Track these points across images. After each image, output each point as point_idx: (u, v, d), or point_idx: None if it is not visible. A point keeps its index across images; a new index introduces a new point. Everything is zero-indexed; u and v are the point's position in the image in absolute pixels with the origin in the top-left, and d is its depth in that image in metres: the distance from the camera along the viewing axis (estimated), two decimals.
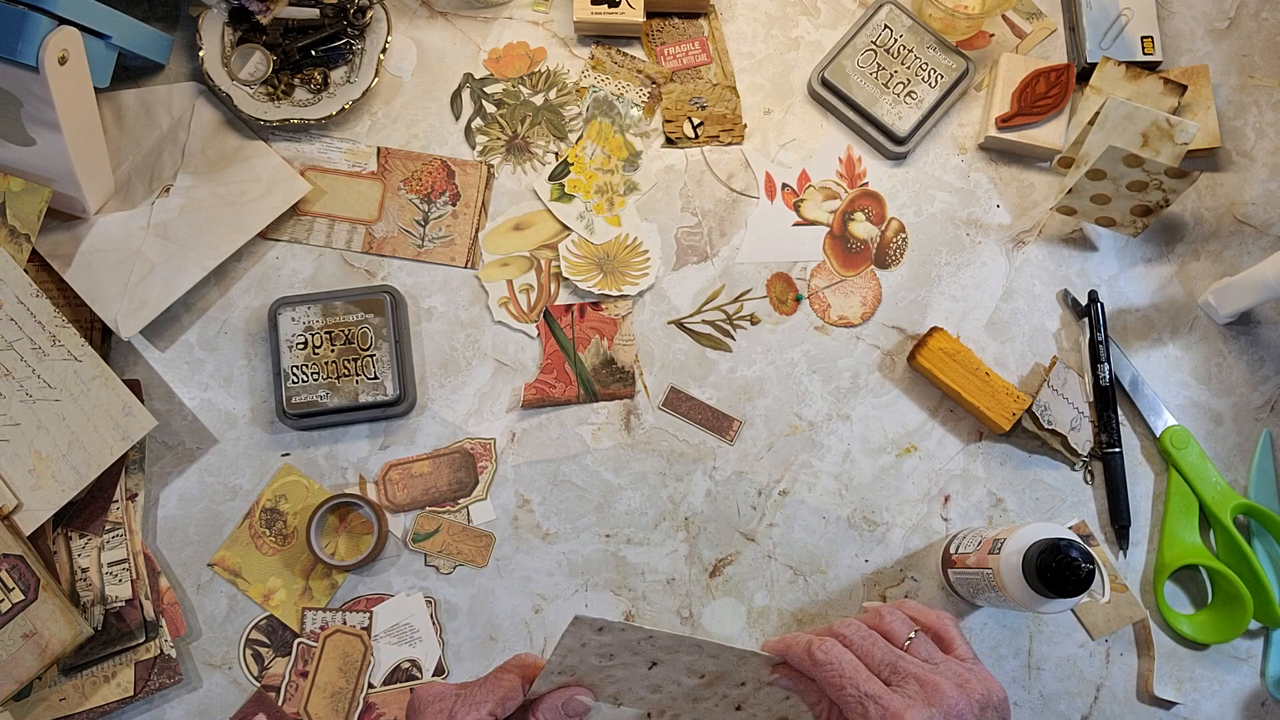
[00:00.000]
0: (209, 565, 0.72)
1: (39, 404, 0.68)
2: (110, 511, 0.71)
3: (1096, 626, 0.73)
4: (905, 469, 0.75)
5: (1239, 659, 0.73)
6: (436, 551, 0.73)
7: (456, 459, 0.74)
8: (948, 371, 0.74)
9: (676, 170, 0.79)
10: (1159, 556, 0.74)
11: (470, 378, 0.75)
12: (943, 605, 0.73)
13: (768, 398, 0.76)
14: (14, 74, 0.64)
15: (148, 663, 0.69)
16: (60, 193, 0.71)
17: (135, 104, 0.77)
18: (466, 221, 0.78)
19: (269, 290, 0.76)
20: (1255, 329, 0.78)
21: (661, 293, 0.77)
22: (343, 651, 0.71)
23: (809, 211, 0.79)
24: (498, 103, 0.80)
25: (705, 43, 0.81)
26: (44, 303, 0.69)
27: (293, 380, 0.72)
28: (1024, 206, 0.80)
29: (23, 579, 0.65)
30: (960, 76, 0.79)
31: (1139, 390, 0.76)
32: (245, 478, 0.73)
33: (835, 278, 0.78)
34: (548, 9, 0.81)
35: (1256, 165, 0.81)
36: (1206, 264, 0.79)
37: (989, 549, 0.65)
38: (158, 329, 0.75)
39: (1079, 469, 0.76)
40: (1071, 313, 0.78)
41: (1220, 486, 0.74)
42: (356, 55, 0.78)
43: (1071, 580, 0.60)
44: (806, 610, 0.73)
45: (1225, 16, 0.83)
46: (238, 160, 0.76)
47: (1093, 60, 0.79)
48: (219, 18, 0.77)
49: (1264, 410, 0.77)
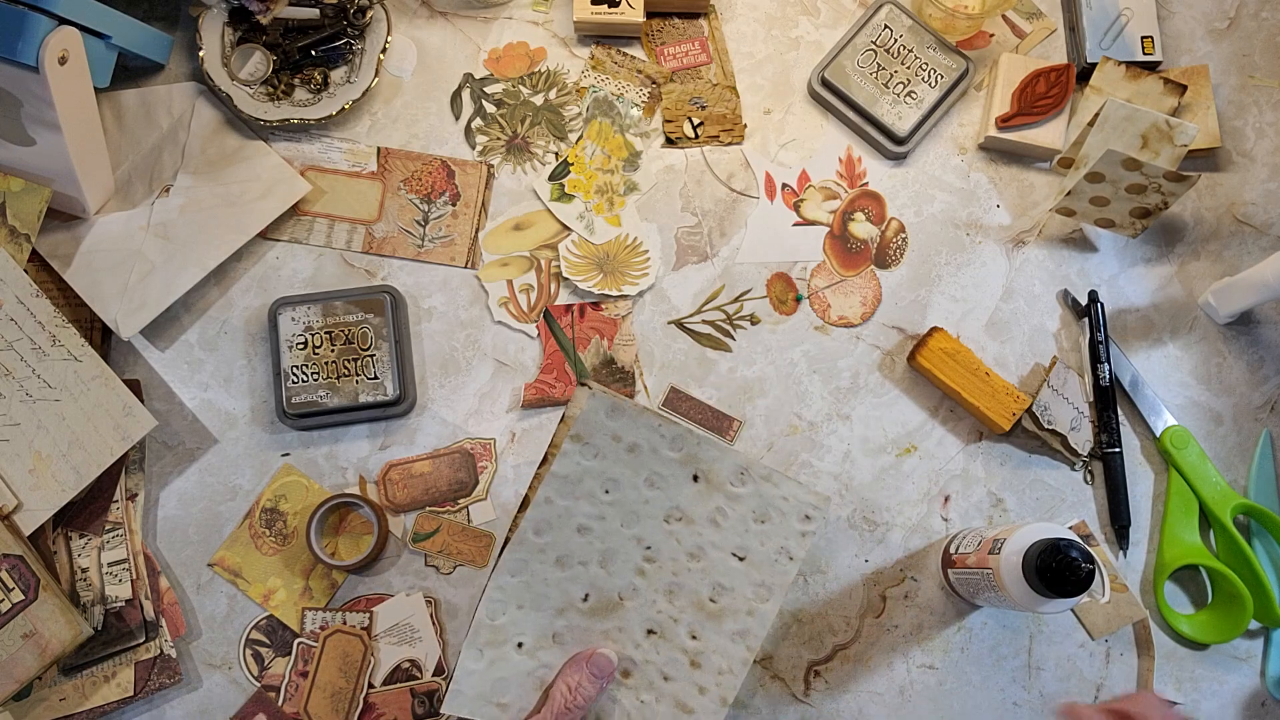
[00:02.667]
0: (209, 565, 0.72)
1: (39, 404, 0.68)
2: (110, 511, 0.71)
3: (1096, 627, 0.73)
4: (905, 469, 0.75)
5: (1239, 659, 0.73)
6: (436, 551, 0.73)
7: (456, 459, 0.74)
8: (948, 371, 0.74)
9: (676, 170, 0.79)
10: (1159, 556, 0.74)
11: (470, 378, 0.75)
12: (943, 605, 0.73)
13: (768, 398, 0.76)
14: (14, 74, 0.64)
15: (148, 663, 0.69)
16: (60, 193, 0.71)
17: (135, 104, 0.77)
18: (466, 221, 0.78)
19: (269, 290, 0.76)
20: (1255, 329, 0.78)
21: (661, 293, 0.77)
22: (343, 651, 0.71)
23: (809, 211, 0.79)
24: (498, 103, 0.80)
25: (705, 43, 0.81)
26: (44, 303, 0.69)
27: (293, 380, 0.72)
28: (1024, 207, 0.80)
29: (23, 579, 0.65)
30: (960, 76, 0.79)
31: (1139, 390, 0.76)
32: (245, 478, 0.73)
33: (835, 278, 0.78)
34: (548, 9, 0.81)
35: (1256, 165, 0.81)
36: (1206, 264, 0.79)
37: (989, 549, 0.65)
38: (158, 329, 0.75)
39: (1079, 469, 0.76)
40: (1071, 313, 0.78)
41: (1220, 486, 0.74)
42: (356, 55, 0.78)
43: (1071, 580, 0.60)
44: (806, 610, 0.73)
45: (1225, 16, 0.83)
46: (238, 160, 0.76)
47: (1093, 60, 0.79)
48: (219, 18, 0.77)
49: (1264, 410, 0.77)
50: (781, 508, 0.59)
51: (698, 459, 0.59)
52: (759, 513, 0.59)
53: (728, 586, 0.59)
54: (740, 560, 0.59)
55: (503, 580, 0.58)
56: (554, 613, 0.59)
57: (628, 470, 0.58)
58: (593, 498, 0.58)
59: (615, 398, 0.58)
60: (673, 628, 0.59)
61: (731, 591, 0.59)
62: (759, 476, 0.59)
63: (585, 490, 0.58)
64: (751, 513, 0.59)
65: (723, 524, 0.59)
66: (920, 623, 0.73)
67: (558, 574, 0.59)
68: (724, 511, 0.59)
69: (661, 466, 0.59)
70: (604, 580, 0.59)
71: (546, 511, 0.58)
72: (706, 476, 0.59)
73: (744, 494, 0.58)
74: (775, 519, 0.59)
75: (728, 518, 0.59)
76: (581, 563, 0.59)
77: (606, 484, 0.58)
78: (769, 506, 0.59)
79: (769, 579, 0.59)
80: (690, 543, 0.59)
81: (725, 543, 0.59)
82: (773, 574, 0.59)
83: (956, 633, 0.73)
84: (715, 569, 0.59)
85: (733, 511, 0.59)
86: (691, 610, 0.58)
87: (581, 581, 0.59)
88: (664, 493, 0.59)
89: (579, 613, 0.59)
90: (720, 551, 0.59)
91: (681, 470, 0.59)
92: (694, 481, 0.59)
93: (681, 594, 0.59)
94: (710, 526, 0.59)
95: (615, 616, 0.58)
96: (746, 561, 0.59)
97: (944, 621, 0.73)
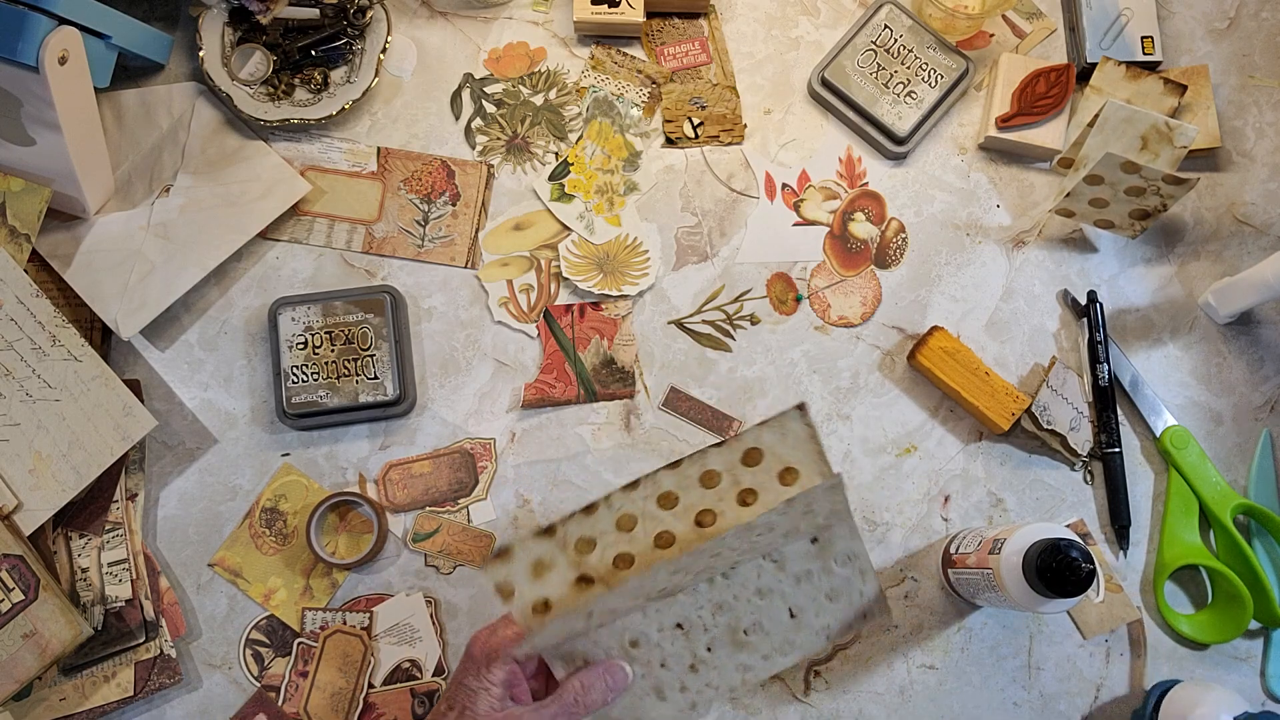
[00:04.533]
0: (209, 565, 0.72)
1: (39, 404, 0.68)
2: (110, 511, 0.71)
3: (1090, 626, 0.73)
4: (905, 469, 0.75)
5: (1239, 659, 0.73)
6: (437, 551, 0.73)
7: (456, 459, 0.74)
8: (948, 371, 0.74)
9: (676, 170, 0.79)
10: (1159, 556, 0.74)
11: (470, 378, 0.75)
12: (943, 605, 0.73)
13: (768, 398, 0.76)
14: (14, 74, 0.64)
15: (148, 663, 0.69)
16: (60, 193, 0.71)
17: (135, 104, 0.77)
18: (466, 221, 0.78)
19: (269, 290, 0.76)
20: (1255, 329, 0.78)
21: (661, 293, 0.77)
22: (343, 651, 0.71)
23: (809, 211, 0.79)
24: (498, 103, 0.80)
25: (705, 43, 0.81)
26: (44, 303, 0.69)
27: (293, 380, 0.72)
28: (1024, 207, 0.80)
29: (23, 579, 0.65)
30: (960, 76, 0.79)
31: (1139, 390, 0.76)
32: (245, 478, 0.73)
33: (835, 278, 0.78)
34: (548, 9, 0.81)
35: (1256, 165, 0.81)
36: (1206, 264, 0.79)
37: (989, 549, 0.65)
38: (158, 329, 0.74)
39: (1079, 469, 0.76)
40: (1071, 313, 0.78)
41: (1220, 486, 0.74)
42: (356, 55, 0.78)
43: (1071, 580, 0.60)
44: None
45: (1225, 16, 0.83)
46: (238, 160, 0.76)
47: (1093, 60, 0.79)
48: (219, 18, 0.77)
49: (1264, 410, 0.77)
50: (854, 599, 0.60)
51: (830, 529, 0.59)
52: (835, 592, 0.60)
53: (765, 630, 0.60)
54: (791, 618, 0.60)
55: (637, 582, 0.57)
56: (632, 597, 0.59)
57: (786, 523, 0.58)
58: (749, 537, 0.58)
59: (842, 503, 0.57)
60: (699, 634, 0.59)
61: (766, 635, 0.60)
62: (859, 569, 0.60)
63: (752, 533, 0.57)
64: (830, 589, 0.60)
65: (803, 584, 0.60)
66: (920, 623, 0.73)
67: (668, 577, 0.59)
68: (812, 577, 0.60)
69: (806, 526, 0.59)
70: (678, 575, 0.59)
71: (715, 546, 0.57)
72: (823, 545, 0.59)
73: (838, 573, 0.60)
74: (841, 603, 0.60)
75: (811, 583, 0.60)
76: (686, 571, 0.58)
77: (763, 529, 0.57)
78: (845, 593, 0.60)
79: (800, 642, 0.60)
80: (767, 583, 0.60)
81: (792, 598, 0.60)
82: (807, 642, 0.60)
83: (956, 633, 0.73)
84: (768, 613, 0.60)
85: (819, 580, 0.60)
86: (723, 630, 0.59)
87: (670, 581, 0.59)
88: (785, 539, 0.59)
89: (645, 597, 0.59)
90: (783, 602, 0.60)
91: (812, 530, 0.59)
92: (811, 543, 0.59)
93: (726, 613, 0.59)
94: (792, 581, 0.60)
95: (663, 602, 0.59)
96: (795, 621, 0.60)
97: (944, 621, 0.73)
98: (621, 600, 0.56)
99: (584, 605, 0.55)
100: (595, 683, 0.57)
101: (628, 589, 0.55)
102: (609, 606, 0.56)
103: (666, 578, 0.56)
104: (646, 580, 0.55)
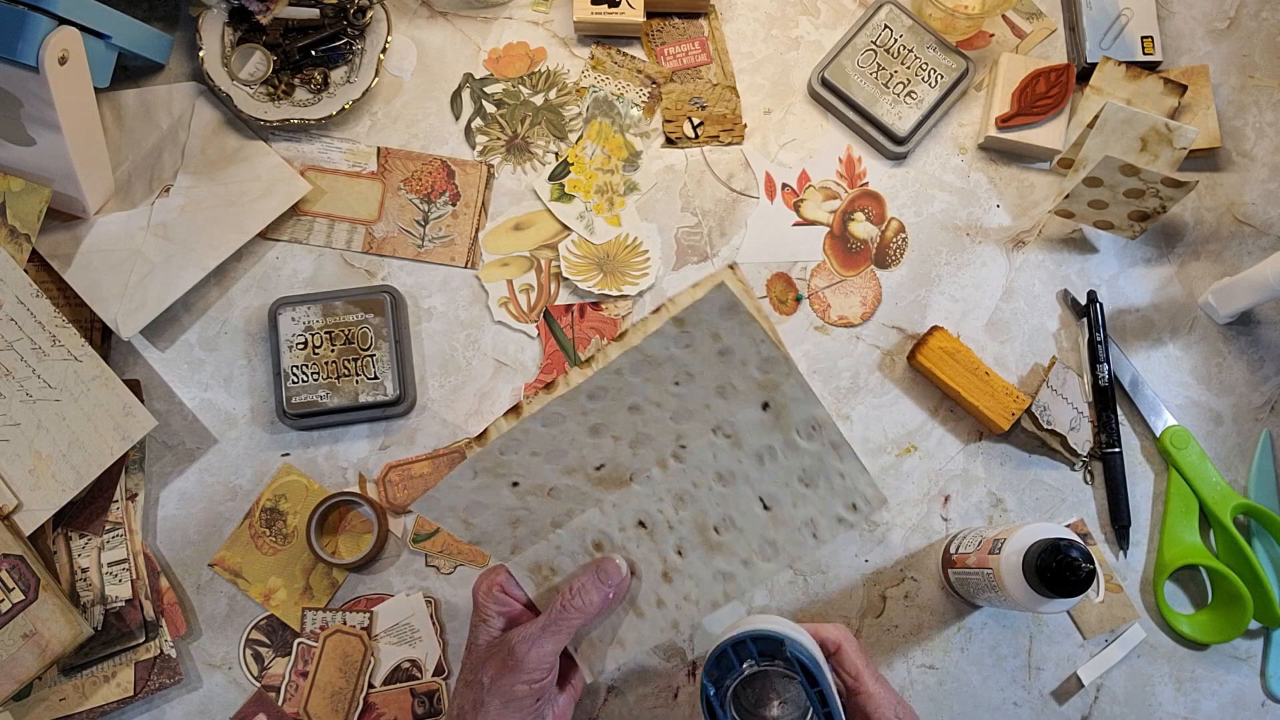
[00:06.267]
0: (209, 565, 0.72)
1: (39, 404, 0.68)
2: (110, 511, 0.71)
3: (1090, 626, 0.73)
4: (905, 469, 0.75)
5: (1239, 659, 0.73)
6: (437, 552, 0.73)
7: (456, 459, 0.74)
8: (947, 370, 0.74)
9: (676, 170, 0.79)
10: (1159, 556, 0.74)
11: (470, 378, 0.75)
12: (943, 605, 0.73)
13: None
14: (14, 74, 0.64)
15: (148, 663, 0.69)
16: (60, 193, 0.71)
17: (135, 104, 0.77)
18: (466, 221, 0.78)
19: (269, 290, 0.76)
20: (1255, 329, 0.78)
21: (661, 293, 0.77)
22: (343, 651, 0.71)
23: (809, 211, 0.79)
24: (498, 103, 0.80)
25: (705, 43, 0.81)
26: (44, 303, 0.69)
27: (293, 380, 0.72)
28: (1024, 207, 0.80)
29: (23, 579, 0.65)
30: (960, 76, 0.79)
31: (1139, 390, 0.76)
32: (245, 478, 0.73)
33: (835, 278, 0.78)
34: (548, 9, 0.81)
35: (1256, 165, 0.81)
36: (1206, 264, 0.79)
37: (989, 549, 0.65)
38: (158, 329, 0.75)
39: (1079, 469, 0.76)
40: (1071, 313, 0.78)
41: (1220, 486, 0.74)
42: (356, 55, 0.78)
43: (1071, 580, 0.60)
44: (806, 610, 0.73)
45: (1225, 16, 0.83)
46: (238, 160, 0.76)
47: (1093, 60, 0.79)
48: (219, 18, 0.77)
49: (1264, 410, 0.77)
50: (834, 482, 0.54)
51: (778, 389, 0.53)
52: (808, 474, 0.54)
53: (738, 526, 0.55)
54: (764, 509, 0.55)
55: (532, 425, 0.54)
56: (563, 470, 0.56)
57: (708, 370, 0.53)
58: (661, 384, 0.53)
59: (740, 295, 0.51)
60: (664, 533, 0.55)
61: (740, 532, 0.55)
62: (829, 440, 0.54)
63: (660, 375, 0.53)
64: (802, 470, 0.54)
65: (767, 465, 0.54)
66: (920, 623, 0.73)
67: (587, 438, 0.55)
68: (775, 454, 0.54)
69: (740, 381, 0.53)
70: (626, 458, 0.55)
71: (612, 381, 0.53)
72: (777, 411, 0.54)
73: (804, 448, 0.54)
74: (820, 489, 0.54)
75: (775, 462, 0.54)
76: (615, 436, 0.54)
77: (681, 376, 0.53)
78: (821, 474, 0.54)
79: (783, 543, 0.55)
80: (726, 465, 0.55)
81: (759, 484, 0.54)
82: (789, 541, 0.55)
83: (956, 633, 0.73)
84: (735, 503, 0.55)
85: (784, 459, 0.54)
86: (690, 528, 0.55)
87: (604, 451, 0.55)
88: (728, 405, 0.54)
89: (585, 477, 0.56)
90: (749, 489, 0.54)
91: (756, 392, 0.54)
92: (763, 409, 0.54)
93: (690, 506, 0.55)
94: (753, 461, 0.54)
95: (618, 494, 0.55)
96: (770, 514, 0.55)
97: (944, 621, 0.73)
98: (549, 435, 0.54)
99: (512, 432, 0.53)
100: (587, 582, 0.54)
101: (551, 411, 0.52)
102: (538, 447, 0.54)
103: (589, 405, 0.53)
104: (571, 406, 0.52)
